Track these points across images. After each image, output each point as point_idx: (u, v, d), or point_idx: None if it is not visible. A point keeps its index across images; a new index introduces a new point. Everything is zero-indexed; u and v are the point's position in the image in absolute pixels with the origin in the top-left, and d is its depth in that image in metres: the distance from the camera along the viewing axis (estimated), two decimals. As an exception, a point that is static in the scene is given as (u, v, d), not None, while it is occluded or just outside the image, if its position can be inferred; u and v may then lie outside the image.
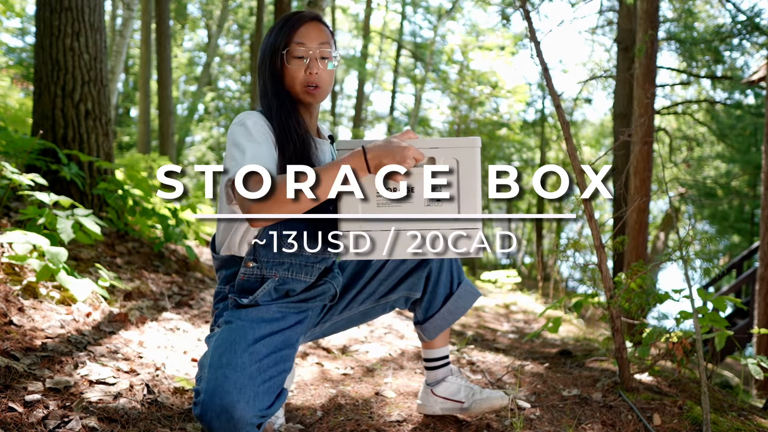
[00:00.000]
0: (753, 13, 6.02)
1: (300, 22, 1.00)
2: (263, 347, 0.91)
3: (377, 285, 1.12)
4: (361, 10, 12.70)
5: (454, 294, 1.15)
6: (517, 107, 9.33)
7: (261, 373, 0.87)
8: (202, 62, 12.92)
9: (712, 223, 10.24)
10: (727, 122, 8.76)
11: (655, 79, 3.40)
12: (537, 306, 4.01)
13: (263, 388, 0.86)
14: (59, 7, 2.51)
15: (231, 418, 0.82)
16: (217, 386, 0.83)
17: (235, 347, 0.89)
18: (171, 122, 6.09)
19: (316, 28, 1.00)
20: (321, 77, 0.99)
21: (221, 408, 0.82)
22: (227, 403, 0.82)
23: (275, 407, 0.89)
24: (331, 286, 1.06)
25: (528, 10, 1.48)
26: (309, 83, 0.99)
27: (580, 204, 1.42)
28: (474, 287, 1.19)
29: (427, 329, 1.18)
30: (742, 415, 1.36)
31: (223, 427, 0.83)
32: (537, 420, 1.27)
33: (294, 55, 0.98)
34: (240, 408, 0.82)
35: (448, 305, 1.15)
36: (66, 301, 1.61)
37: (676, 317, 1.54)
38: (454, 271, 1.15)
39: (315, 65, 0.98)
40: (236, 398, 0.82)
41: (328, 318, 1.10)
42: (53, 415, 1.02)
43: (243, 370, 0.85)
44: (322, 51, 0.99)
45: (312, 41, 0.99)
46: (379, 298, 1.13)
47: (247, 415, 0.82)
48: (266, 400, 0.86)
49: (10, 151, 2.53)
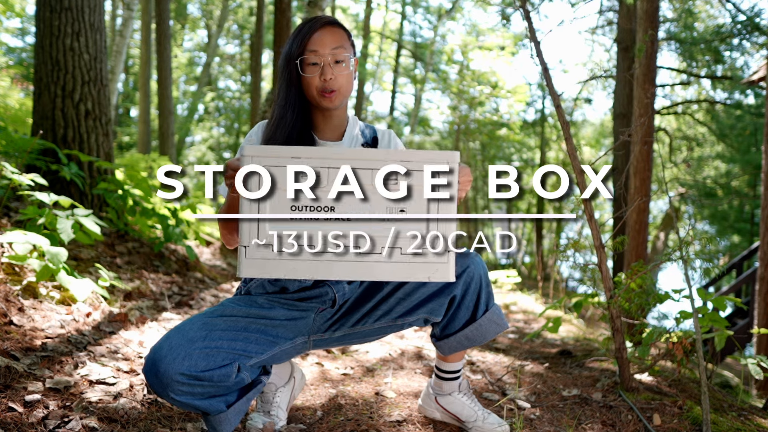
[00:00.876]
0: (753, 13, 6.03)
1: (312, 29, 1.01)
2: (224, 323, 0.93)
3: (395, 303, 1.06)
4: (361, 10, 12.71)
5: (477, 321, 1.08)
6: (517, 107, 9.33)
7: (204, 339, 0.89)
8: (202, 62, 12.92)
9: (712, 223, 10.24)
10: (727, 122, 8.77)
11: (655, 79, 3.40)
12: (537, 306, 4.01)
13: (198, 352, 0.87)
14: (59, 7, 2.51)
15: (157, 372, 0.85)
16: (157, 345, 0.88)
17: (196, 318, 0.93)
18: (171, 122, 6.09)
19: (329, 32, 1.01)
20: (337, 81, 1.01)
21: (151, 362, 0.86)
22: (157, 357, 0.85)
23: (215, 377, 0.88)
24: (330, 290, 1.05)
25: (528, 10, 1.48)
26: (324, 89, 1.01)
27: (580, 204, 1.42)
28: (502, 318, 1.10)
29: (441, 347, 1.13)
30: (742, 415, 1.36)
31: (152, 382, 0.86)
32: (537, 420, 1.27)
33: (308, 63, 1.00)
34: (165, 362, 0.84)
35: (467, 331, 1.08)
36: (66, 301, 1.61)
37: (676, 317, 1.54)
38: (482, 296, 1.08)
39: (329, 71, 1.00)
40: (165, 354, 0.85)
41: (338, 327, 1.08)
42: (53, 415, 1.02)
43: (185, 334, 0.89)
44: (336, 55, 1.00)
45: (325, 47, 1.00)
46: (396, 318, 1.07)
47: (170, 370, 0.84)
48: (198, 364, 0.86)
49: (10, 151, 2.53)
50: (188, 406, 0.89)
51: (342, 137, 1.09)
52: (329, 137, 1.08)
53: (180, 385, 0.85)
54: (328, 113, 1.06)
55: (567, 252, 1.47)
